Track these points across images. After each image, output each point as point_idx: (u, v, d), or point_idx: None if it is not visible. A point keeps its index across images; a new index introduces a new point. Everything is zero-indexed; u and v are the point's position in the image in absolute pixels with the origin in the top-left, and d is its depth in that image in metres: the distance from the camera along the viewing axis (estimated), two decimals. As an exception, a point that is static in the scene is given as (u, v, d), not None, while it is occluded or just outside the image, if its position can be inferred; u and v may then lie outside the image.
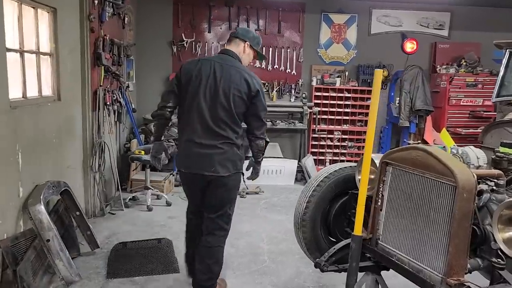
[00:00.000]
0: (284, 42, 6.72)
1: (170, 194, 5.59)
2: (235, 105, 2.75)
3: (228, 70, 2.77)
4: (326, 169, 3.09)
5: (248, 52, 2.96)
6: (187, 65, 2.89)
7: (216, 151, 2.75)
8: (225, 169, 2.78)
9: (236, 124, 2.80)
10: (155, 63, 6.61)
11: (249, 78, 2.78)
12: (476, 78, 6.38)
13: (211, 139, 2.75)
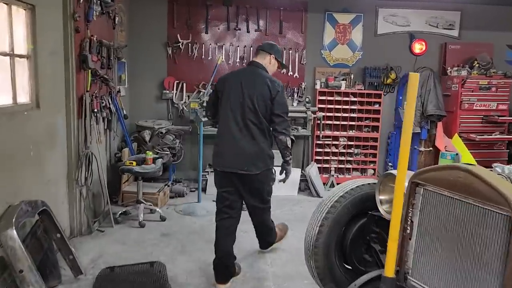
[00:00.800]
0: (286, 43, 6.33)
1: (165, 207, 5.18)
2: (260, 108, 3.15)
3: (253, 78, 3.25)
4: (341, 187, 2.70)
5: (273, 63, 3.42)
6: (221, 77, 3.48)
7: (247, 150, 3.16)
8: (255, 167, 3.17)
9: (262, 124, 3.18)
10: (149, 66, 6.21)
11: (270, 83, 3.20)
12: (489, 80, 6.01)
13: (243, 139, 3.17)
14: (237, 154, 3.16)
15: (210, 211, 5.01)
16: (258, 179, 3.22)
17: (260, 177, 3.22)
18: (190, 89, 6.27)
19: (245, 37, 6.29)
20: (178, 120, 6.29)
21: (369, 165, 6.44)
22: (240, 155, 3.16)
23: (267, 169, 3.26)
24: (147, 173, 4.50)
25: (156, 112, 6.27)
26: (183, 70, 6.23)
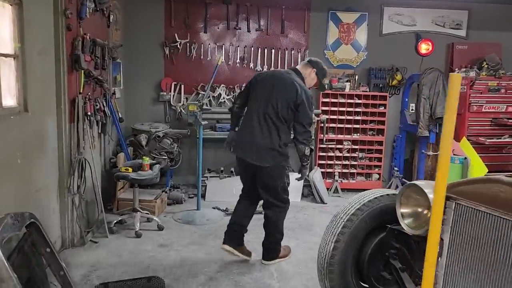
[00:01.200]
0: (287, 43, 6.11)
1: (163, 215, 4.92)
2: (281, 109, 3.36)
3: (285, 81, 3.44)
4: (358, 199, 2.46)
5: (313, 77, 3.65)
6: (259, 72, 3.96)
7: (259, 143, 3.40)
8: (263, 160, 3.40)
9: (281, 124, 3.39)
10: (146, 66, 5.96)
11: (299, 89, 3.37)
12: (499, 82, 5.80)
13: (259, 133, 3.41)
14: (251, 144, 3.43)
15: (210, 220, 4.77)
16: (267, 173, 3.44)
17: (269, 171, 3.42)
18: (188, 90, 6.02)
19: (246, 37, 6.06)
20: (176, 123, 6.04)
21: (374, 169, 6.21)
22: (253, 146, 3.43)
23: (277, 164, 3.43)
24: (144, 180, 4.25)
25: (152, 114, 6.02)
26: (181, 71, 5.99)
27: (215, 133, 5.78)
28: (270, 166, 3.41)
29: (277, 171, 3.47)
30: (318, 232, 4.50)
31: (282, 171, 3.50)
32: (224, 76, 6.05)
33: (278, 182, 3.49)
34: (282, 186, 3.53)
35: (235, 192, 5.54)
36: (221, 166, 6.06)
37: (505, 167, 5.94)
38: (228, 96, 6.05)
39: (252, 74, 6.14)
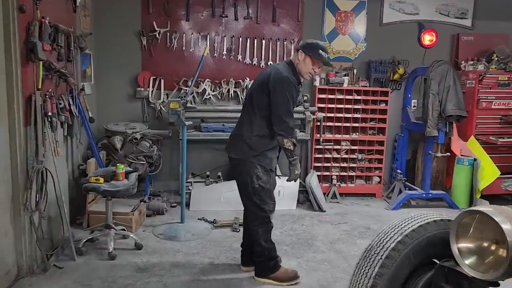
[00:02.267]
0: (279, 32, 5.50)
1: (141, 229, 4.28)
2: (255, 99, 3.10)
3: (266, 71, 3.16)
4: (397, 228, 1.89)
5: (304, 60, 3.11)
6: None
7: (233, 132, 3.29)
8: (232, 150, 3.21)
9: (255, 114, 3.09)
10: (120, 58, 5.27)
11: (272, 75, 3.03)
12: (510, 76, 5.34)
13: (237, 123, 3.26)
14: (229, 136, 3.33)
15: (196, 234, 4.16)
16: (234, 166, 3.24)
17: (236, 164, 3.19)
18: (169, 86, 5.36)
19: (233, 26, 5.42)
20: (155, 123, 5.38)
21: (374, 172, 5.69)
22: (230, 137, 3.32)
23: (245, 158, 3.10)
24: (118, 192, 3.59)
25: (129, 113, 5.34)
26: (160, 64, 5.32)
27: (200, 134, 5.15)
28: (237, 159, 3.15)
29: (244, 166, 3.10)
30: (320, 247, 3.94)
31: (251, 167, 3.08)
32: (209, 70, 5.42)
33: (247, 180, 3.09)
34: (253, 187, 3.10)
35: (223, 200, 4.98)
36: (207, 170, 5.44)
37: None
38: (213, 92, 5.41)
39: (241, 67, 5.60)
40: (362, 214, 4.97)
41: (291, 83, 3.03)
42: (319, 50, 3.09)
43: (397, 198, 5.25)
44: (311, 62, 3.10)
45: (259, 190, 3.11)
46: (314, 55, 3.07)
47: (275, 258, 3.27)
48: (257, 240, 3.19)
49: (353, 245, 4.01)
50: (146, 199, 4.85)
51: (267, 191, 3.17)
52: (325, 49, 3.14)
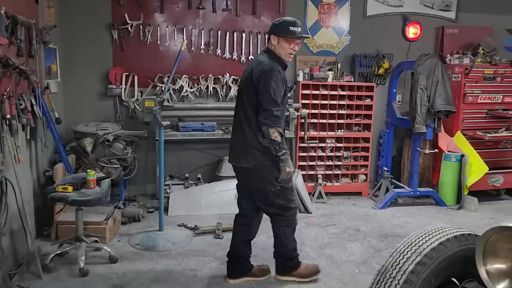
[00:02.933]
0: (260, 26, 5.22)
1: (116, 239, 3.94)
2: (245, 96, 2.92)
3: (247, 67, 3.02)
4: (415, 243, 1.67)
5: (279, 42, 2.92)
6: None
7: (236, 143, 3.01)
8: (244, 161, 2.95)
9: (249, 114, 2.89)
10: (89, 53, 4.88)
11: (255, 66, 2.91)
12: (495, 69, 5.22)
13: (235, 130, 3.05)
14: (231, 146, 3.08)
15: (176, 243, 3.86)
16: (252, 175, 2.96)
17: (253, 173, 2.95)
18: (143, 83, 5.01)
19: (211, 18, 5.10)
20: (129, 122, 5.02)
21: (360, 169, 5.50)
22: (232, 148, 3.07)
23: (260, 164, 2.91)
24: (89, 201, 3.25)
25: (100, 113, 4.96)
26: (133, 59, 4.95)
27: (178, 134, 4.82)
28: (251, 167, 2.93)
29: (260, 173, 2.93)
30: (310, 254, 3.71)
31: (268, 172, 2.91)
32: (186, 65, 5.09)
33: (267, 186, 2.93)
34: (273, 191, 2.94)
35: (204, 204, 4.68)
36: (185, 171, 5.13)
37: (502, 163, 5.42)
38: (191, 89, 5.09)
39: (220, 62, 5.29)
40: (349, 215, 4.77)
41: (273, 70, 2.82)
42: (289, 27, 2.89)
43: (384, 197, 5.07)
44: (286, 42, 2.90)
45: (282, 191, 2.97)
46: (286, 33, 2.89)
47: (296, 257, 3.20)
48: (282, 241, 3.10)
49: (343, 250, 3.79)
50: (121, 205, 4.51)
51: (288, 189, 3.03)
52: (294, 23, 2.91)
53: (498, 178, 5.24)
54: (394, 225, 4.47)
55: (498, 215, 4.81)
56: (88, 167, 4.09)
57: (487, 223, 4.56)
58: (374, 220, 4.62)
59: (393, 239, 4.06)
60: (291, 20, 2.93)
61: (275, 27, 2.95)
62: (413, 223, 4.54)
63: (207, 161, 5.26)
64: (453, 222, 4.55)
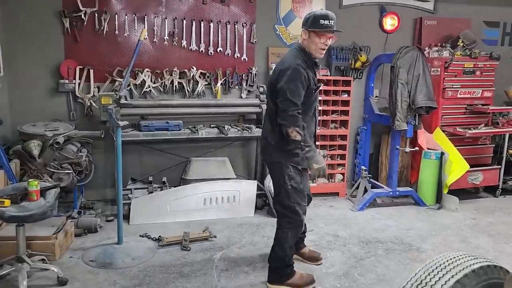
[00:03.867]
0: (230, 15, 4.81)
1: (68, 255, 3.47)
2: (269, 94, 2.96)
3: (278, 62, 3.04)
4: (427, 282, 1.31)
5: (308, 37, 2.83)
6: None
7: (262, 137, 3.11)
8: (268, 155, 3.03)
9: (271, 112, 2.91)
10: (37, 44, 4.35)
11: (279, 64, 2.91)
12: (475, 63, 5.02)
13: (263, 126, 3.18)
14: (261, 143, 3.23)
15: (137, 258, 3.43)
16: (271, 169, 3.04)
17: (271, 167, 3.03)
18: (100, 78, 4.52)
19: (176, 6, 4.65)
20: (85, 121, 4.53)
21: (337, 169, 5.20)
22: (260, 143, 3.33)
23: (275, 161, 2.95)
24: (30, 216, 2.78)
25: (51, 111, 4.44)
26: (88, 51, 4.45)
27: (140, 134, 4.36)
28: (271, 162, 3.01)
29: (276, 168, 2.95)
30: (287, 266, 3.35)
31: (282, 168, 2.90)
32: (149, 58, 4.63)
33: (281, 180, 2.92)
34: (286, 189, 2.91)
35: (169, 210, 4.26)
36: (149, 174, 4.69)
37: (481, 160, 5.25)
38: (154, 84, 4.63)
39: (186, 55, 4.84)
40: (327, 218, 4.46)
41: (292, 69, 2.73)
42: (320, 20, 2.78)
43: (363, 198, 4.79)
44: (317, 36, 2.80)
45: (292, 192, 2.92)
46: (317, 27, 2.78)
47: (292, 265, 3.08)
48: (282, 244, 2.98)
49: (323, 260, 3.46)
50: (75, 215, 4.04)
51: (300, 192, 2.95)
52: (326, 16, 2.80)
53: (477, 176, 5.06)
54: (374, 229, 4.19)
55: (479, 215, 4.62)
56: (35, 174, 3.61)
57: (469, 224, 4.36)
58: (353, 223, 4.33)
59: (375, 246, 3.77)
60: (322, 14, 2.82)
61: (305, 21, 2.86)
62: (394, 226, 4.28)
63: (173, 163, 4.82)
64: (435, 224, 4.33)
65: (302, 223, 3.03)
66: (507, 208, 4.89)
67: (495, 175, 5.15)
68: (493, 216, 4.60)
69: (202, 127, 4.66)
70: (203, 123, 4.75)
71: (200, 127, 4.60)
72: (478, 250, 3.72)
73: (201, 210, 4.31)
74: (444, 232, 4.13)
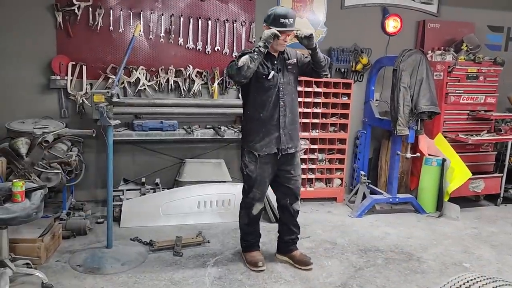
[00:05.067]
0: (228, 13, 4.68)
1: (54, 259, 3.32)
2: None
3: None
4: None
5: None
6: None
7: None
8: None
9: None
10: (28, 39, 4.21)
11: None
12: (479, 68, 4.90)
13: None
14: None
15: (126, 263, 3.28)
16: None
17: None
18: (93, 74, 4.38)
19: (172, 3, 4.52)
20: (76, 119, 4.39)
21: (335, 173, 5.07)
22: None
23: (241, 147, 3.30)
24: (13, 219, 2.62)
25: (41, 108, 4.29)
26: (81, 47, 4.31)
27: (133, 133, 4.23)
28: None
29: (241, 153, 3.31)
30: (283, 275, 3.22)
31: (242, 154, 3.26)
32: (144, 55, 4.49)
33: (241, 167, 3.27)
34: (243, 174, 3.28)
35: (162, 213, 4.12)
36: (142, 175, 4.55)
37: (483, 167, 5.14)
38: (149, 82, 4.49)
39: (182, 53, 4.70)
40: (325, 224, 4.33)
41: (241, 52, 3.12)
42: (280, 19, 2.93)
43: (361, 204, 4.66)
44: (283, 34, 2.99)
45: (246, 177, 3.23)
46: (276, 25, 2.93)
47: (246, 241, 3.42)
48: (239, 220, 3.41)
49: (321, 269, 3.33)
50: (64, 216, 3.88)
51: (254, 180, 3.19)
52: (286, 15, 2.94)
53: (479, 184, 4.94)
54: (373, 237, 4.06)
55: (481, 224, 4.50)
56: (22, 173, 3.46)
57: (470, 234, 4.24)
58: (352, 230, 4.20)
59: (374, 254, 3.64)
60: (282, 13, 2.95)
61: (267, 17, 3.01)
62: (394, 234, 4.15)
63: (166, 164, 4.68)
64: (435, 232, 4.21)
65: (251, 206, 3.26)
66: (509, 217, 4.78)
67: (496, 183, 5.04)
68: (495, 226, 4.48)
69: (198, 127, 4.52)
70: (198, 123, 4.62)
71: (195, 128, 4.47)
72: (480, 261, 3.60)
73: (195, 214, 4.17)
74: (445, 241, 4.01)
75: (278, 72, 3.14)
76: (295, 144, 3.23)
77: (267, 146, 3.13)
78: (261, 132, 3.12)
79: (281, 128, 3.15)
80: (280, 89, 3.14)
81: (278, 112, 3.14)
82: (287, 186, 3.29)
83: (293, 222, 3.41)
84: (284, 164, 3.24)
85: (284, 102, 3.16)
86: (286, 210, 3.37)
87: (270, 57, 3.12)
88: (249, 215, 3.29)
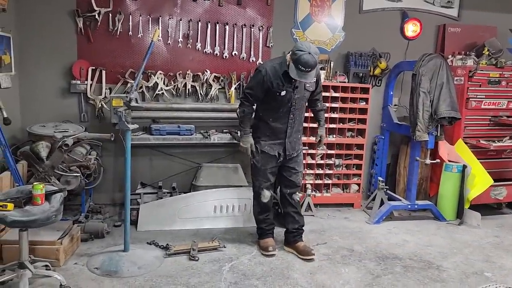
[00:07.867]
0: (246, 18, 4.69)
1: (72, 261, 3.36)
2: None
3: None
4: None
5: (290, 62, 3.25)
6: None
7: None
8: None
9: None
10: (50, 44, 4.28)
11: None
12: (501, 73, 4.80)
13: None
14: None
15: (143, 267, 3.30)
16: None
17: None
18: (112, 79, 4.43)
19: (191, 8, 4.55)
20: (96, 123, 4.45)
21: (352, 179, 5.02)
22: None
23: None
24: (33, 222, 2.67)
25: (62, 112, 4.36)
26: (101, 52, 4.37)
27: (151, 137, 4.26)
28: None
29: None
30: (299, 281, 3.20)
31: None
32: (162, 60, 4.54)
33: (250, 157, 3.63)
34: (250, 164, 3.67)
35: (178, 217, 4.13)
36: (159, 179, 4.57)
37: (505, 174, 5.01)
38: (167, 87, 4.53)
39: (200, 58, 4.72)
40: (342, 231, 4.29)
41: (256, 70, 3.43)
42: (299, 65, 3.12)
43: (379, 211, 4.60)
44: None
45: (253, 166, 3.60)
46: (295, 67, 3.15)
47: (261, 229, 3.72)
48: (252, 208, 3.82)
49: (338, 276, 3.30)
50: (82, 219, 3.93)
51: (258, 170, 3.56)
52: (306, 64, 3.09)
53: (501, 191, 4.82)
54: (391, 244, 4.00)
55: (503, 233, 4.39)
56: (42, 176, 3.52)
57: (492, 242, 4.13)
58: (369, 237, 4.14)
59: (392, 262, 3.58)
60: (304, 61, 3.09)
61: (293, 53, 3.17)
62: (412, 241, 4.08)
63: (183, 168, 4.70)
64: (456, 240, 4.12)
65: (259, 195, 3.59)
66: (532, 225, 4.65)
67: (519, 190, 4.91)
68: (517, 234, 4.37)
69: (215, 132, 4.53)
70: (215, 128, 4.63)
71: (212, 132, 4.48)
72: (503, 271, 3.50)
73: (211, 218, 4.17)
74: (465, 250, 3.92)
75: (295, 89, 3.35)
76: (296, 149, 3.58)
77: (270, 147, 3.50)
78: (268, 135, 3.49)
79: (286, 137, 3.48)
80: (293, 103, 3.39)
81: (286, 123, 3.44)
82: (290, 179, 3.61)
83: (295, 211, 3.68)
84: (289, 161, 3.58)
85: (294, 115, 3.44)
86: (286, 199, 3.67)
87: (289, 76, 3.24)
88: (260, 203, 3.62)
